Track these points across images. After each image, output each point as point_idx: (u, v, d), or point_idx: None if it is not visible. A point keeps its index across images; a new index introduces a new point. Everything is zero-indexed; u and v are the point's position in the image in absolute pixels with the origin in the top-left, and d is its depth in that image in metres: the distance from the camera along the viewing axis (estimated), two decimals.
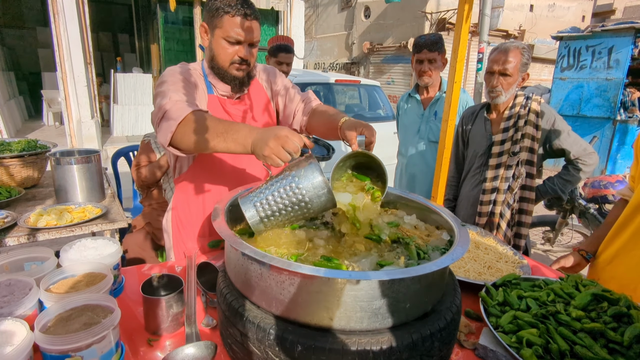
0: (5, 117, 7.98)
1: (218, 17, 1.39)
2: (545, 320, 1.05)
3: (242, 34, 1.40)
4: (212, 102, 1.52)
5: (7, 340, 0.75)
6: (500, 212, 2.11)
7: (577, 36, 7.65)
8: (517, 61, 2.01)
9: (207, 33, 1.46)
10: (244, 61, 1.45)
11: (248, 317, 0.91)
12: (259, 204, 1.03)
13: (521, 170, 2.05)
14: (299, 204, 1.01)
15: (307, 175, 1.00)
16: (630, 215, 1.47)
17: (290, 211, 1.03)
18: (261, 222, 1.04)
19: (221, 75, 1.49)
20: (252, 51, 1.47)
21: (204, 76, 1.53)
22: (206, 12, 1.44)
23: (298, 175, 1.00)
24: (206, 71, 1.53)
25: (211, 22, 1.42)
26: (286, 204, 1.01)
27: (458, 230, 1.06)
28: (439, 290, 0.98)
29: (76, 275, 1.03)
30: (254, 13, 1.41)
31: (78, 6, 6.93)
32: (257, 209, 1.03)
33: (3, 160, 2.29)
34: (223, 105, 1.54)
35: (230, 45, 1.42)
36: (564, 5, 16.53)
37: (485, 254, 1.60)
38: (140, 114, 8.59)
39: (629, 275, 1.46)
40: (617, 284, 1.41)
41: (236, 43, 1.42)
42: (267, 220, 1.04)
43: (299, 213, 1.04)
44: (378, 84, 5.58)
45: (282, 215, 1.03)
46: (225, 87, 1.52)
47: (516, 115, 2.07)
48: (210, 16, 1.42)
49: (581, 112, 7.68)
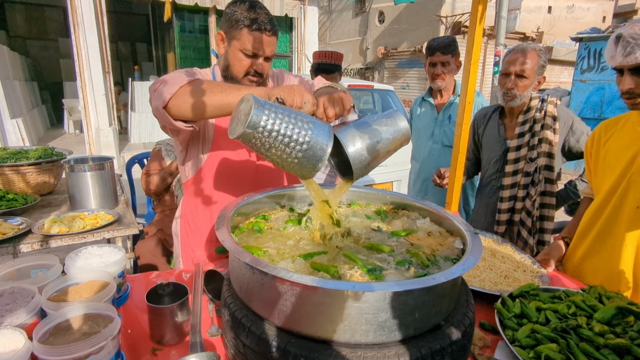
0: (27, 125, 8.23)
1: (237, 29, 1.39)
2: (565, 334, 0.99)
3: (260, 48, 1.40)
4: None
5: (4, 350, 0.73)
6: (521, 220, 2.02)
7: (598, 37, 7.45)
8: (533, 63, 1.94)
9: (224, 41, 1.46)
10: (258, 74, 1.46)
11: (251, 327, 0.88)
12: (270, 113, 0.96)
13: (540, 177, 1.97)
14: (299, 142, 0.99)
15: (320, 127, 1.02)
16: (593, 220, 1.54)
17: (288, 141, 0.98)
18: (257, 128, 0.95)
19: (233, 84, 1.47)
20: (267, 64, 1.47)
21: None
22: (225, 20, 1.44)
23: (314, 123, 1.02)
24: (217, 78, 1.53)
25: (229, 32, 1.42)
26: (289, 133, 0.98)
27: (470, 238, 1.01)
28: (451, 302, 0.93)
29: (80, 283, 1.02)
30: (273, 28, 1.42)
31: (97, 17, 7.12)
32: (265, 115, 0.96)
33: (20, 168, 2.34)
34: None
35: (246, 57, 1.42)
36: (583, 6, 16.17)
37: (502, 263, 1.54)
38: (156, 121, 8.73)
39: (599, 275, 1.50)
40: (600, 277, 1.49)
41: (252, 56, 1.42)
42: (263, 131, 0.96)
43: (292, 152, 1.00)
44: (391, 89, 5.53)
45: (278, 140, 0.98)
46: None
47: (532, 120, 1.99)
48: (228, 26, 1.41)
49: (603, 115, 7.46)
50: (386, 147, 1.13)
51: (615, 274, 1.42)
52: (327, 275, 0.91)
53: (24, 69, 10.80)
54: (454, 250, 1.09)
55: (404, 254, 1.05)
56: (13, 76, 8.73)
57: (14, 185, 2.35)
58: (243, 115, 0.98)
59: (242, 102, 1.03)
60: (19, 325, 0.84)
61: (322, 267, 0.94)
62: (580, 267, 1.58)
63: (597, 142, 1.57)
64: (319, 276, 0.91)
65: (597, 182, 1.55)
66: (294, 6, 9.13)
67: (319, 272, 0.93)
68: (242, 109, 1.00)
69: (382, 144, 1.11)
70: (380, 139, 1.11)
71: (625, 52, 1.28)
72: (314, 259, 1.00)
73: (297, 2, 9.18)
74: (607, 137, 1.51)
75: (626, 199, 1.39)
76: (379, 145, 1.11)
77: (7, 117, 7.28)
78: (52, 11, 13.66)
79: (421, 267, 0.97)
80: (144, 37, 14.58)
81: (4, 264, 1.09)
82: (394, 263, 0.99)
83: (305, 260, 0.99)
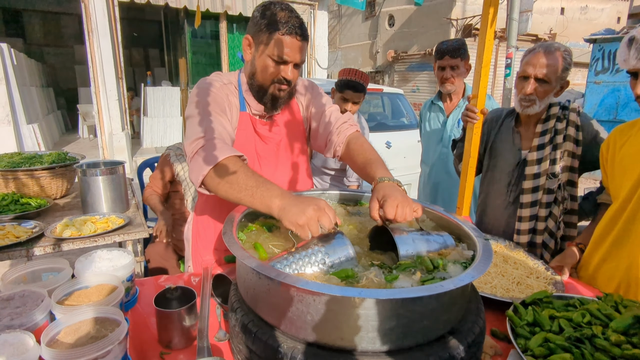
0: (43, 130, 8.41)
1: (267, 34, 1.31)
2: (580, 344, 0.96)
3: (289, 54, 1.32)
4: (243, 120, 1.46)
5: (13, 353, 0.74)
6: (543, 243, 1.81)
7: (612, 38, 7.33)
8: (557, 66, 1.70)
9: (251, 47, 1.39)
10: (286, 81, 1.38)
11: (257, 333, 0.88)
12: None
13: (564, 194, 1.76)
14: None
15: (337, 250, 0.95)
16: (610, 226, 1.48)
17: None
18: None
19: (259, 93, 1.42)
20: (296, 72, 1.38)
21: (239, 90, 1.47)
22: (253, 25, 1.36)
23: (329, 251, 0.94)
24: (242, 86, 1.47)
25: (257, 36, 1.34)
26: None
27: (481, 245, 0.99)
28: (460, 310, 0.92)
29: (89, 287, 1.03)
30: (304, 34, 1.34)
31: (110, 24, 7.26)
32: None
33: (34, 172, 2.39)
34: (254, 125, 1.48)
35: (275, 64, 1.34)
36: (597, 7, 15.94)
37: (515, 269, 1.51)
38: (168, 126, 8.85)
39: (615, 282, 1.46)
40: (614, 285, 1.46)
41: (281, 62, 1.34)
42: None
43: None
44: (401, 92, 5.51)
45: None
46: (259, 106, 1.46)
47: (552, 130, 1.77)
48: (257, 30, 1.34)
49: (618, 117, 7.32)
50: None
51: (633, 281, 1.38)
52: (341, 277, 0.90)
53: (40, 76, 11.07)
54: (463, 254, 1.07)
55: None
56: (30, 83, 8.94)
57: (28, 189, 2.40)
58: None
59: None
60: (28, 328, 0.85)
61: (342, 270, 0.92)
62: (595, 275, 1.53)
63: (612, 148, 1.52)
64: (337, 280, 0.90)
65: (614, 188, 1.50)
66: (304, 11, 9.18)
67: (340, 275, 0.91)
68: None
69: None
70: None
71: (639, 55, 1.25)
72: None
73: (307, 6, 9.22)
74: (622, 142, 1.47)
75: None
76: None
77: (23, 122, 7.45)
78: (67, 19, 13.99)
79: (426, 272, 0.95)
80: (156, 43, 14.82)
81: (17, 267, 1.11)
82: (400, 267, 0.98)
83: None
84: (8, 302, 0.92)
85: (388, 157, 4.55)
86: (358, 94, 2.48)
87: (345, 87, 2.48)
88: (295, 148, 1.58)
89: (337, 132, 1.47)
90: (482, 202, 2.10)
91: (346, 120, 1.50)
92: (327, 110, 1.54)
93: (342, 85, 2.49)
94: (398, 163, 4.65)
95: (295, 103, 1.58)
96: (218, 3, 8.15)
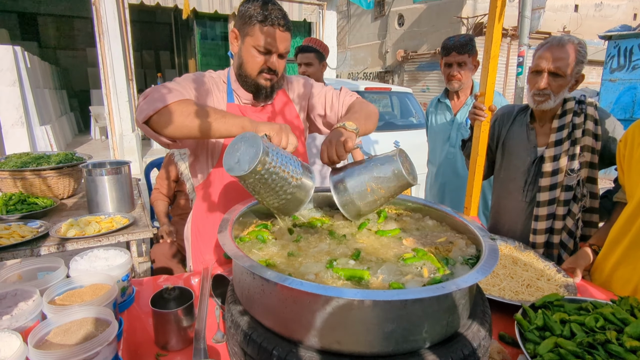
0: (56, 132, 8.54)
1: (250, 25, 1.37)
2: (592, 350, 0.91)
3: (273, 44, 1.38)
4: (231, 110, 1.49)
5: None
6: (561, 242, 1.75)
7: (628, 34, 7.13)
8: (571, 59, 1.65)
9: (238, 39, 1.45)
10: (272, 71, 1.43)
11: (252, 335, 0.85)
12: (272, 158, 1.03)
13: (584, 191, 1.69)
14: (291, 186, 1.09)
15: (307, 171, 1.15)
16: (626, 226, 1.44)
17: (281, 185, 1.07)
18: (258, 173, 1.01)
19: (247, 83, 1.47)
20: (281, 62, 1.45)
21: (227, 83, 1.52)
22: (238, 17, 1.43)
23: (303, 166, 1.14)
24: (231, 78, 1.52)
25: (243, 29, 1.40)
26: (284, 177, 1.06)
27: (487, 246, 0.95)
28: (464, 312, 0.87)
29: (83, 287, 1.01)
30: (287, 24, 1.40)
31: (121, 27, 7.35)
32: (268, 162, 1.02)
33: (41, 172, 2.40)
34: (243, 112, 1.51)
35: (259, 54, 1.40)
36: (612, 3, 15.59)
37: (524, 271, 1.45)
38: None
39: (631, 285, 1.41)
40: (630, 288, 1.41)
41: (266, 52, 1.40)
42: (262, 177, 1.02)
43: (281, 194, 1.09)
44: (410, 91, 5.45)
45: (272, 183, 1.05)
46: (247, 95, 1.50)
47: (570, 125, 1.71)
48: (242, 23, 1.40)
49: (634, 116, 7.12)
50: (379, 195, 1.15)
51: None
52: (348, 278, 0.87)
53: (54, 78, 11.26)
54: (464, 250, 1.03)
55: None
56: (43, 85, 9.10)
57: (35, 188, 2.41)
58: (247, 156, 1.01)
59: (244, 140, 1.05)
60: (18, 328, 0.83)
61: (357, 273, 0.90)
62: (610, 277, 1.46)
63: (630, 144, 1.45)
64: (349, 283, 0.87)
65: (631, 187, 1.44)
66: (312, 11, 9.16)
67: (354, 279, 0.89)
68: (246, 151, 1.02)
69: (373, 191, 1.14)
70: (371, 188, 1.14)
71: None
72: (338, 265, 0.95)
73: (316, 7, 9.21)
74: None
75: None
76: (369, 193, 1.14)
77: (36, 124, 7.58)
78: (80, 22, 14.23)
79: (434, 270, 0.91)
80: (166, 45, 14.99)
81: (11, 266, 1.10)
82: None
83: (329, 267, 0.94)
84: (0, 301, 0.91)
85: None
86: (307, 54, 2.75)
87: (298, 51, 2.80)
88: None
89: (342, 104, 1.60)
90: (496, 203, 2.02)
91: (346, 93, 1.63)
92: (325, 93, 1.65)
93: (296, 53, 2.82)
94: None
95: (285, 94, 1.62)
96: (227, 4, 8.19)
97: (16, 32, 13.20)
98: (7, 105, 6.89)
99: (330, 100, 1.61)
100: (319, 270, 0.93)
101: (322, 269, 0.93)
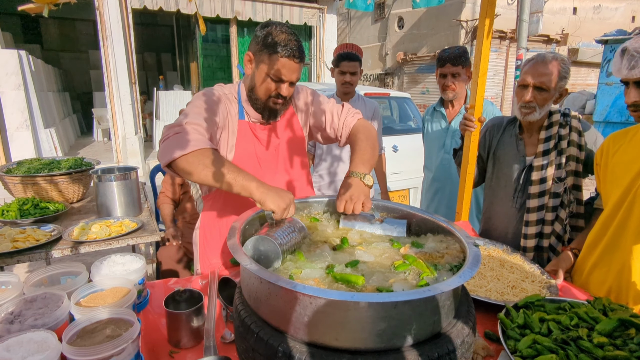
0: (59, 134, 8.64)
1: (267, 54, 1.43)
2: (565, 345, 1.01)
3: (287, 74, 1.45)
4: (243, 127, 1.58)
5: (37, 350, 0.82)
6: (550, 246, 1.86)
7: (624, 39, 7.23)
8: (554, 75, 1.77)
9: (252, 63, 1.50)
10: (282, 97, 1.50)
11: (259, 333, 0.94)
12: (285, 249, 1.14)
13: (570, 197, 1.81)
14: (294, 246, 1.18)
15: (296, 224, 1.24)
16: (601, 232, 1.53)
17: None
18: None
19: (257, 104, 1.54)
20: (291, 89, 1.52)
21: (238, 100, 1.59)
22: (254, 43, 1.47)
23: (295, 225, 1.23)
24: (242, 96, 1.59)
25: (258, 55, 1.46)
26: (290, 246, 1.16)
27: (471, 253, 1.04)
28: (450, 312, 0.97)
29: (104, 290, 1.11)
30: (301, 56, 1.46)
31: (124, 30, 7.45)
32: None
33: (53, 178, 2.50)
34: (253, 130, 1.60)
35: (272, 81, 1.46)
36: (610, 6, 15.67)
37: (510, 273, 1.55)
38: None
39: (606, 287, 1.51)
40: (605, 289, 1.51)
41: (278, 80, 1.46)
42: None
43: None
44: (408, 96, 5.54)
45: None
46: (257, 114, 1.58)
47: (556, 136, 1.83)
48: (258, 49, 1.45)
49: (630, 119, 7.21)
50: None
51: (624, 286, 1.42)
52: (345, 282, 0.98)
53: (57, 81, 11.35)
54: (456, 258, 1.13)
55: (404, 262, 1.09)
56: (47, 88, 9.20)
57: (47, 193, 2.51)
58: (267, 259, 1.14)
59: (261, 243, 1.14)
60: (50, 327, 0.93)
61: (352, 278, 0.99)
62: (587, 279, 1.57)
63: (605, 154, 1.56)
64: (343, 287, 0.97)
65: (606, 194, 1.54)
66: (313, 15, 9.27)
67: (349, 283, 0.98)
68: (266, 252, 1.14)
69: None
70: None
71: (630, 66, 1.29)
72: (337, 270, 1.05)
73: (316, 10, 9.31)
74: (615, 149, 1.51)
75: (633, 212, 1.38)
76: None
77: (41, 127, 7.68)
78: (83, 25, 14.32)
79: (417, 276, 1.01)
80: (168, 48, 15.07)
81: (37, 271, 1.20)
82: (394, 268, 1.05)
83: (328, 274, 1.04)
84: (31, 304, 1.01)
85: (395, 160, 4.58)
86: (353, 63, 2.68)
87: (340, 59, 2.70)
88: (295, 153, 1.70)
89: (343, 125, 1.66)
90: (488, 209, 2.12)
91: (348, 112, 1.68)
92: (327, 108, 1.70)
93: (337, 59, 2.73)
94: (405, 166, 4.68)
95: (293, 112, 1.70)
96: (228, 9, 8.29)
97: (19, 34, 13.30)
98: (12, 108, 6.98)
99: (331, 118, 1.69)
100: (319, 275, 1.03)
101: (322, 274, 1.04)
